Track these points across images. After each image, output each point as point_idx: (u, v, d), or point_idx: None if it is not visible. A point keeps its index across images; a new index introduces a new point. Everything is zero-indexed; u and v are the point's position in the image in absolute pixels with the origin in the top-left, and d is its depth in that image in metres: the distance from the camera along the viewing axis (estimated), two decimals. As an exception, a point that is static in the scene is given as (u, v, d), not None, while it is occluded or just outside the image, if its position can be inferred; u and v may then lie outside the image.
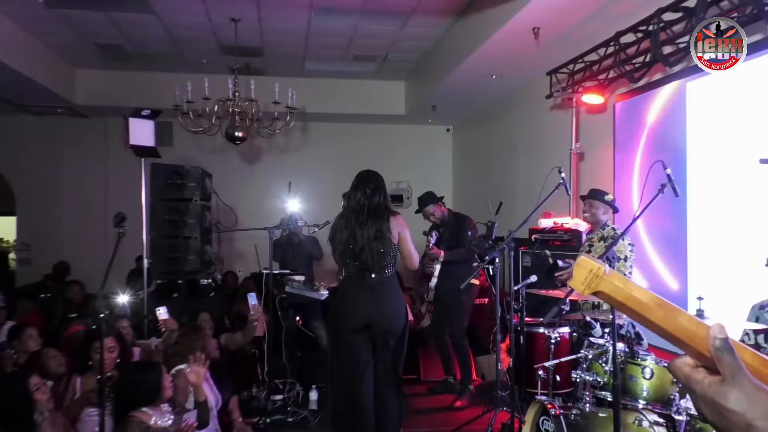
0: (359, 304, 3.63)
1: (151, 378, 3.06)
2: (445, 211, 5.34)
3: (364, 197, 3.70)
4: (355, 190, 3.76)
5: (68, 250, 9.06)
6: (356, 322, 3.62)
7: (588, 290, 0.92)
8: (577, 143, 5.97)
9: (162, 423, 3.05)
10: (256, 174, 9.50)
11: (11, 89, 7.55)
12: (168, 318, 4.48)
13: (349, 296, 3.69)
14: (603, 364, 3.07)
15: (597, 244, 4.04)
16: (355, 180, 3.82)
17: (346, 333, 3.66)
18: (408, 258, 3.72)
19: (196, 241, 6.19)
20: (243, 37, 6.83)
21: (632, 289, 0.89)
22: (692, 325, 0.78)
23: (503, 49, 5.93)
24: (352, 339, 3.64)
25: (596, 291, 0.90)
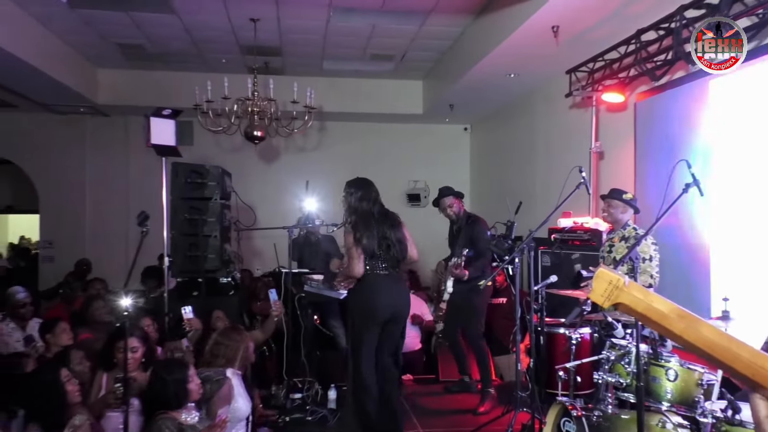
0: (394, 296, 4.12)
1: (177, 381, 3.06)
2: (462, 209, 5.25)
3: (377, 203, 4.18)
4: (367, 196, 4.16)
5: (90, 248, 9.20)
6: (386, 313, 4.05)
7: (608, 302, 0.92)
8: (597, 142, 5.92)
9: (190, 420, 3.08)
10: (274, 173, 9.55)
11: (35, 89, 7.67)
12: (193, 317, 4.52)
13: (384, 289, 4.08)
14: (625, 366, 3.04)
15: (618, 245, 4.00)
16: (357, 187, 4.19)
17: (374, 325, 4.02)
18: (415, 254, 4.32)
19: (216, 239, 6.24)
20: (262, 37, 6.87)
21: (653, 300, 0.89)
22: (714, 335, 0.78)
23: (522, 48, 5.89)
24: (376, 331, 4.05)
25: (616, 303, 0.89)
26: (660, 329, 0.71)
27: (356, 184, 4.23)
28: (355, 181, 4.26)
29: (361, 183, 4.23)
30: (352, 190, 4.17)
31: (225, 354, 3.68)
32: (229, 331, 3.86)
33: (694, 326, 0.68)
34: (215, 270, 6.28)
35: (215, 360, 3.66)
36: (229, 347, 3.71)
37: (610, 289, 0.76)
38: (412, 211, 10.09)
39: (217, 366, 3.61)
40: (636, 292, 0.75)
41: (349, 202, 4.15)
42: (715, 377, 2.89)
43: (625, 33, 4.97)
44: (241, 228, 7.16)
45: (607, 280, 0.76)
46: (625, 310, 0.77)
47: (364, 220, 4.07)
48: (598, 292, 0.77)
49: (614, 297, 0.76)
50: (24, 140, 9.49)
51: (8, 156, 9.77)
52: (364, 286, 4.09)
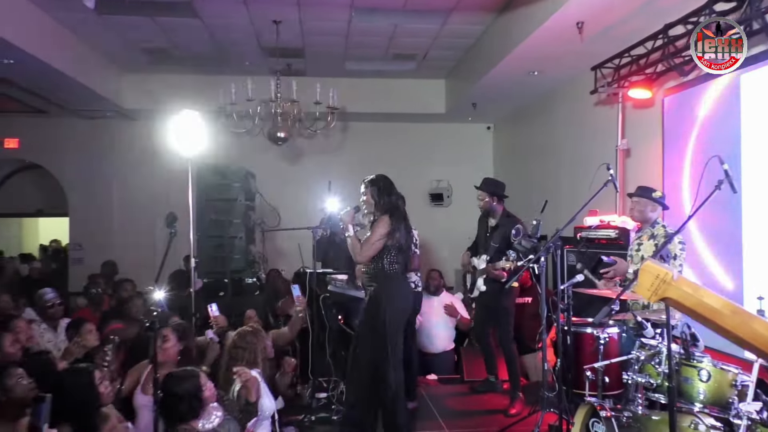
0: (411, 296, 4.26)
1: (189, 393, 3.00)
2: (501, 208, 5.09)
3: (401, 199, 4.13)
4: (394, 191, 4.13)
5: (118, 250, 9.34)
6: (409, 313, 4.23)
7: (655, 297, 0.89)
8: (624, 139, 5.84)
9: (210, 425, 3.08)
10: (297, 174, 9.59)
11: (64, 94, 7.84)
12: (219, 315, 4.57)
13: (407, 290, 4.22)
14: (656, 366, 2.99)
15: (646, 243, 3.93)
16: (384, 182, 4.12)
17: (402, 327, 4.04)
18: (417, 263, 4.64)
19: (241, 240, 6.31)
20: (284, 39, 6.91)
21: (703, 295, 0.86)
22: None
23: (546, 45, 5.83)
24: (402, 334, 4.06)
25: (664, 297, 0.86)
26: (710, 325, 0.69)
27: (382, 179, 4.14)
28: (379, 177, 4.16)
29: (386, 178, 4.15)
30: (381, 185, 4.07)
31: (245, 357, 3.72)
32: (245, 334, 3.89)
33: (748, 322, 0.65)
34: (241, 270, 6.36)
35: (235, 363, 3.69)
36: (248, 350, 3.76)
37: (657, 283, 0.74)
38: (434, 211, 10.08)
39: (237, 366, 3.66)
40: (686, 287, 0.73)
41: (376, 196, 4.04)
42: (749, 378, 2.82)
43: (652, 28, 4.89)
44: (265, 229, 7.23)
45: (654, 274, 0.74)
46: (673, 305, 0.75)
47: (397, 215, 4.00)
48: (644, 286, 0.74)
49: (662, 291, 0.73)
50: (53, 145, 9.68)
51: (38, 161, 9.98)
52: (396, 285, 4.01)
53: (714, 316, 0.67)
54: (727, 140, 4.36)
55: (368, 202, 4.09)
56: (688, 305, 0.66)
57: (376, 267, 4.01)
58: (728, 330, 0.66)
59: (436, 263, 8.56)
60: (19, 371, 2.96)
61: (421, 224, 5.15)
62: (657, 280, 0.71)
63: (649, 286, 0.72)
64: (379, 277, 3.99)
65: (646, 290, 0.72)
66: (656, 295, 0.71)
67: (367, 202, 4.10)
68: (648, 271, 0.71)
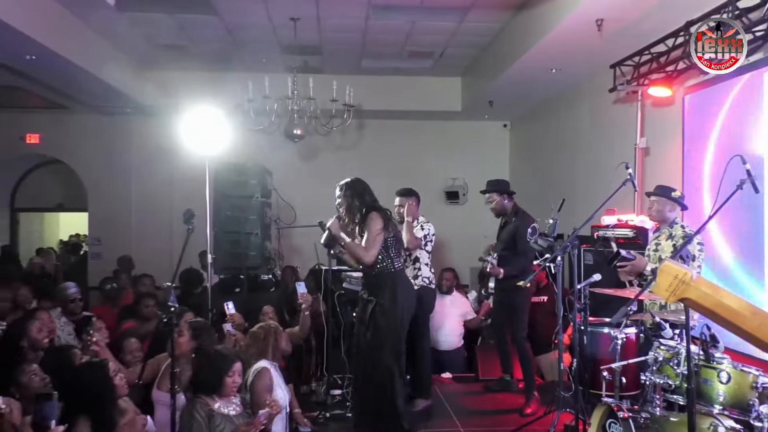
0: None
1: (217, 370, 3.15)
2: (511, 204, 5.10)
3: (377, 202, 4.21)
4: (372, 195, 4.18)
5: (135, 245, 9.45)
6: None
7: (673, 297, 0.88)
8: (642, 138, 5.78)
9: (226, 410, 3.14)
10: (313, 171, 9.61)
11: (84, 90, 7.92)
12: (235, 312, 4.60)
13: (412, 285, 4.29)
14: (674, 367, 2.95)
15: (664, 243, 3.88)
16: (360, 184, 4.16)
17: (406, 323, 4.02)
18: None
19: (257, 237, 6.33)
20: (302, 36, 6.93)
21: (723, 295, 0.85)
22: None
23: (564, 43, 5.78)
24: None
25: (682, 298, 0.85)
26: (729, 326, 0.68)
27: (358, 181, 4.15)
28: (355, 180, 4.17)
29: (361, 181, 4.17)
30: (358, 188, 4.10)
31: (256, 345, 3.82)
32: (261, 328, 3.95)
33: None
34: (257, 267, 6.39)
35: (250, 356, 3.78)
36: (258, 340, 3.83)
37: (675, 283, 0.73)
38: (450, 209, 10.06)
39: (251, 358, 3.73)
40: (705, 288, 0.72)
41: (356, 199, 4.05)
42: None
43: (673, 25, 4.82)
44: (281, 225, 7.26)
45: (672, 274, 0.72)
46: (692, 306, 0.73)
47: (382, 210, 4.04)
48: (662, 287, 0.73)
49: (680, 292, 0.72)
50: (73, 141, 9.81)
51: (59, 156, 10.12)
52: (405, 282, 4.05)
53: (734, 318, 0.66)
54: (750, 139, 4.29)
55: (347, 206, 4.08)
56: (708, 306, 0.65)
57: (384, 267, 4.00)
58: (748, 331, 0.65)
59: (451, 262, 8.55)
60: (33, 368, 3.00)
61: (436, 222, 5.13)
62: (676, 280, 0.70)
63: (668, 286, 0.71)
64: (388, 277, 3.98)
65: (665, 290, 0.70)
66: (675, 295, 0.70)
67: (346, 207, 4.09)
68: (666, 271, 0.70)
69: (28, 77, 7.29)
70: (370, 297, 4.03)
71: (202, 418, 3.02)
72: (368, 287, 4.11)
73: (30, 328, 3.69)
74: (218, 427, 3.06)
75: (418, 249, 4.88)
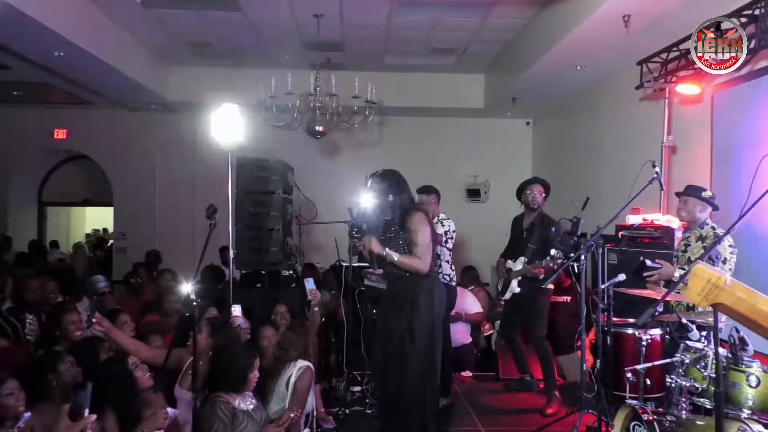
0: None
1: (243, 366, 3.13)
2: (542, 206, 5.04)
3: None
4: (410, 193, 3.93)
5: (159, 239, 9.57)
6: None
7: (706, 302, 0.84)
8: (669, 136, 5.67)
9: (245, 406, 3.15)
10: (335, 168, 9.63)
11: (110, 86, 8.04)
12: (239, 315, 4.58)
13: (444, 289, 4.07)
14: (701, 370, 2.89)
15: (694, 244, 3.81)
16: (399, 176, 3.85)
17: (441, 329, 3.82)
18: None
19: (279, 233, 6.35)
20: (325, 32, 6.94)
21: (758, 300, 0.81)
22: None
23: (590, 39, 5.70)
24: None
25: (715, 303, 0.82)
26: (763, 332, 0.65)
27: (398, 176, 3.81)
28: (394, 173, 3.83)
29: (401, 175, 3.85)
30: (397, 179, 3.78)
31: (297, 346, 3.73)
32: (297, 325, 3.93)
33: (807, 331, 0.61)
34: (278, 263, 6.41)
35: (286, 353, 3.71)
36: (300, 340, 3.77)
37: (708, 287, 0.69)
38: (471, 207, 10.00)
39: (289, 358, 3.67)
40: (739, 293, 0.68)
41: (394, 191, 3.73)
42: (801, 385, 2.70)
43: (702, 21, 4.71)
44: (303, 222, 7.28)
45: (705, 278, 0.69)
46: (725, 311, 0.70)
47: (428, 216, 3.84)
48: (694, 291, 0.70)
49: (713, 296, 0.68)
50: (99, 136, 9.98)
51: (85, 151, 10.30)
52: (440, 285, 3.91)
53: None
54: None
55: (384, 200, 3.75)
56: (742, 311, 0.62)
57: (412, 274, 3.70)
58: (786, 337, 0.61)
59: (471, 260, 8.51)
60: (70, 358, 3.06)
61: (457, 220, 5.10)
62: (708, 284, 0.67)
63: (700, 290, 0.68)
64: (425, 279, 3.70)
65: (696, 295, 0.67)
66: (707, 300, 0.67)
67: (383, 202, 3.76)
68: (699, 275, 0.67)
69: (56, 73, 7.42)
70: (402, 301, 3.68)
71: (226, 417, 3.00)
72: (401, 290, 3.73)
73: (66, 320, 3.75)
74: (241, 425, 3.04)
75: (439, 246, 4.86)
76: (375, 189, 3.79)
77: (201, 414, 3.04)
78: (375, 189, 3.79)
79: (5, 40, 6.07)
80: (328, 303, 5.64)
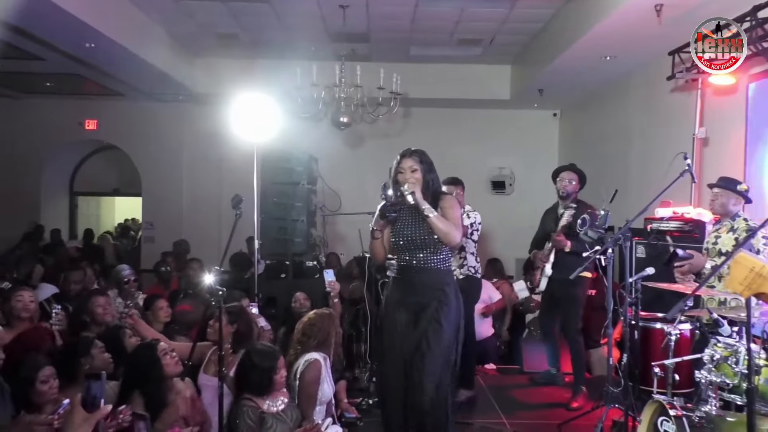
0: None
1: (265, 370, 3.12)
2: (576, 192, 4.91)
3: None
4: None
5: (186, 229, 9.70)
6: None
7: (748, 291, 0.82)
8: (702, 128, 5.54)
9: (275, 408, 3.15)
10: (359, 159, 9.64)
11: (139, 77, 8.16)
12: (261, 317, 4.59)
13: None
14: (733, 365, 2.83)
15: (725, 236, 3.72)
16: (429, 157, 3.54)
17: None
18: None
19: (303, 223, 6.39)
20: (350, 23, 6.93)
21: None
22: None
23: (620, 29, 5.59)
24: None
25: (759, 293, 0.79)
26: None
27: (430, 158, 3.52)
28: (427, 154, 3.55)
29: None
30: (432, 166, 3.50)
31: (317, 336, 3.72)
32: (323, 315, 3.90)
33: None
34: (301, 253, 6.45)
35: (307, 341, 3.71)
36: (322, 330, 3.75)
37: (751, 276, 0.67)
38: (495, 199, 9.92)
39: (308, 347, 3.68)
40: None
41: (432, 177, 3.45)
42: (837, 382, 2.63)
43: (738, 10, 4.59)
44: (326, 213, 7.31)
45: (748, 267, 0.67)
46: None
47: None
48: (736, 280, 0.68)
49: (756, 286, 0.66)
50: (128, 127, 10.13)
51: (115, 142, 10.48)
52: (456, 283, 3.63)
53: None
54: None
55: (423, 179, 3.41)
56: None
57: (449, 265, 3.41)
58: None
59: (496, 252, 8.45)
60: (101, 344, 3.12)
61: (481, 212, 5.06)
62: (752, 273, 0.65)
63: (742, 279, 0.66)
64: (449, 276, 3.41)
65: (739, 284, 0.65)
66: (749, 289, 0.65)
67: (419, 180, 3.39)
68: (742, 263, 0.65)
69: (87, 64, 7.55)
70: (425, 299, 3.28)
71: (253, 422, 3.01)
72: (423, 286, 3.31)
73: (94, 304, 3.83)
74: (270, 428, 3.05)
75: (464, 238, 4.82)
76: (418, 164, 3.42)
77: (230, 416, 3.06)
78: (418, 164, 3.42)
79: (38, 30, 6.19)
80: (353, 290, 5.66)
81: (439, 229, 3.22)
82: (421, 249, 3.31)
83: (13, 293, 3.77)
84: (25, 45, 6.82)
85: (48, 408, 2.68)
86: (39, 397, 2.69)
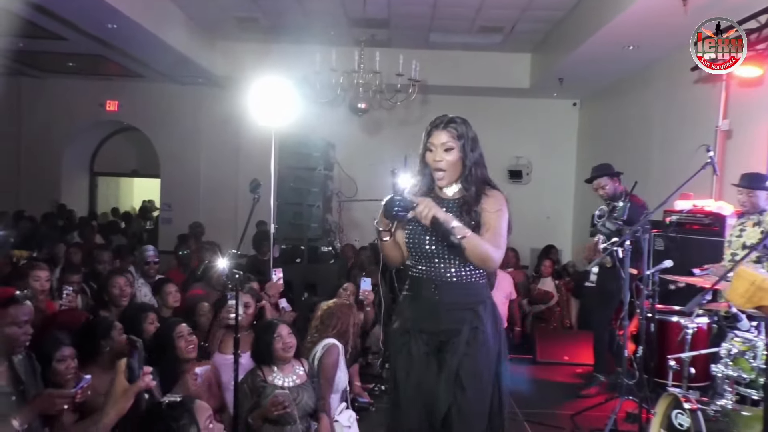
0: None
1: (264, 341, 3.20)
2: (621, 188, 4.75)
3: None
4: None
5: (203, 212, 9.78)
6: None
7: (749, 304, 0.81)
8: (725, 120, 5.44)
9: (280, 382, 3.17)
10: (376, 145, 9.60)
11: (160, 59, 8.18)
12: (283, 300, 4.60)
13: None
14: (750, 360, 2.81)
15: (750, 230, 3.69)
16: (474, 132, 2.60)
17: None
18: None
19: (319, 209, 6.42)
20: (370, 9, 6.88)
21: None
22: None
23: (645, 18, 5.49)
24: None
25: (759, 306, 0.78)
26: None
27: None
28: (465, 121, 2.55)
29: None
30: (477, 143, 2.55)
31: (336, 326, 3.75)
32: (342, 305, 3.94)
33: None
34: (317, 239, 6.49)
35: (325, 329, 3.74)
36: (341, 320, 3.78)
37: (752, 290, 0.67)
38: (512, 188, 9.85)
39: (326, 335, 3.71)
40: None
41: (470, 152, 2.49)
42: None
43: None
44: (342, 199, 7.33)
45: (749, 280, 0.66)
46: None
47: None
48: (737, 292, 0.67)
49: (757, 299, 0.65)
50: (148, 109, 10.19)
51: (135, 123, 10.55)
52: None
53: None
54: None
55: (461, 158, 2.46)
56: None
57: (480, 275, 2.46)
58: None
59: (512, 242, 8.38)
60: (120, 326, 3.17)
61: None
62: (753, 286, 0.64)
63: (743, 292, 0.65)
64: (485, 290, 2.51)
65: (740, 296, 0.64)
66: (750, 302, 0.63)
67: (458, 160, 2.46)
68: (742, 276, 0.64)
69: (109, 45, 7.59)
70: (450, 324, 2.39)
71: (249, 389, 3.10)
72: (444, 308, 2.40)
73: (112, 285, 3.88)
74: (269, 398, 3.08)
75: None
76: (455, 140, 2.47)
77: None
78: (455, 140, 2.47)
79: (61, 10, 6.23)
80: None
81: (475, 256, 2.31)
82: (442, 257, 2.41)
83: (31, 271, 3.85)
84: (48, 24, 6.85)
85: (70, 385, 2.72)
86: (55, 376, 2.73)
